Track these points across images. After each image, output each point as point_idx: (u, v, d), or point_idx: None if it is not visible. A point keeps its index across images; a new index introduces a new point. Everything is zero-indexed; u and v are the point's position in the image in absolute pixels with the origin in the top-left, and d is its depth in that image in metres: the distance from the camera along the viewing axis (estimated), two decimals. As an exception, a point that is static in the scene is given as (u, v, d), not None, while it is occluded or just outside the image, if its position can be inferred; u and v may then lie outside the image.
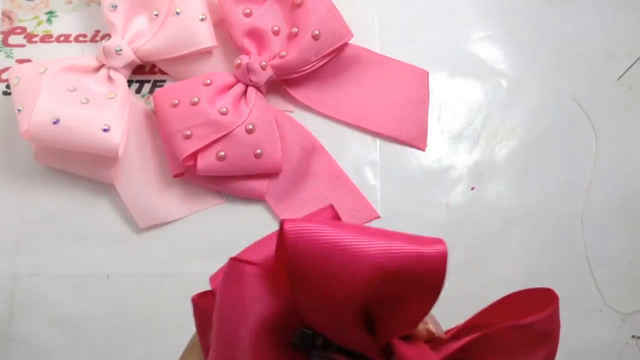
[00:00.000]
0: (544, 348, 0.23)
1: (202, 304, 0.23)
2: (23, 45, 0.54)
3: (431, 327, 0.24)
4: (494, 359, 0.22)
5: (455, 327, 0.24)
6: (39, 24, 0.55)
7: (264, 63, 0.50)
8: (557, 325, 0.24)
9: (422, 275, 0.18)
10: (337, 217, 0.24)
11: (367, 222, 0.51)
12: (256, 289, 0.20)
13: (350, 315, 0.19)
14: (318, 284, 0.18)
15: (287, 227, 0.18)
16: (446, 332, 0.24)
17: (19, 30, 0.55)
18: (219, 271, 0.22)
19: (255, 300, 0.20)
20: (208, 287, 0.55)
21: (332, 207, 0.24)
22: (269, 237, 0.22)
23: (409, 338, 0.23)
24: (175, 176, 0.51)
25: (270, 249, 0.21)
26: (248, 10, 0.51)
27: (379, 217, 0.51)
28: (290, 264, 0.18)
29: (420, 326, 0.24)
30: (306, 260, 0.18)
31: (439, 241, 0.19)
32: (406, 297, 0.19)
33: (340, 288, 0.18)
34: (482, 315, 0.23)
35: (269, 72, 0.50)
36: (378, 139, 0.53)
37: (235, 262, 0.20)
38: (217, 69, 0.52)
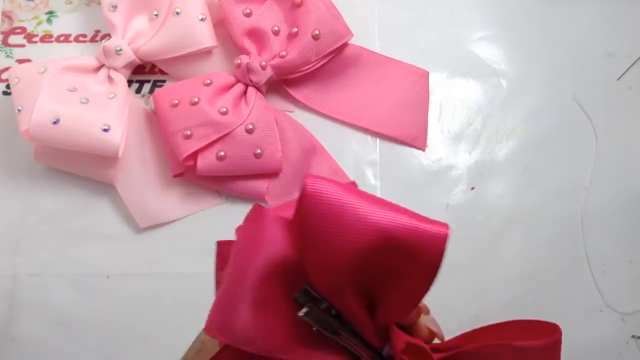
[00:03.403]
0: None
1: (224, 247, 0.24)
2: (23, 45, 0.54)
3: (433, 328, 0.24)
4: None
5: (454, 338, 0.24)
6: (39, 24, 0.55)
7: (264, 63, 0.50)
8: None
9: (421, 250, 0.19)
10: None
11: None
12: (274, 231, 0.21)
13: (348, 279, 0.20)
14: (323, 238, 0.19)
15: (307, 180, 0.18)
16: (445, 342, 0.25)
17: (19, 30, 0.55)
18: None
19: (270, 241, 0.20)
20: (209, 287, 0.55)
21: (354, 183, 0.25)
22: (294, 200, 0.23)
23: (409, 333, 0.24)
24: (175, 176, 0.51)
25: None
26: (248, 10, 0.51)
27: (379, 217, 0.51)
28: (302, 214, 0.19)
29: (422, 322, 0.24)
30: (317, 213, 0.19)
31: (443, 224, 0.19)
32: (403, 272, 0.20)
33: (343, 246, 0.19)
34: (483, 331, 0.24)
35: (269, 72, 0.50)
36: (378, 139, 0.53)
37: (259, 206, 0.21)
38: (217, 69, 0.52)
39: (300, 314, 0.21)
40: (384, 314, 0.22)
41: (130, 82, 0.53)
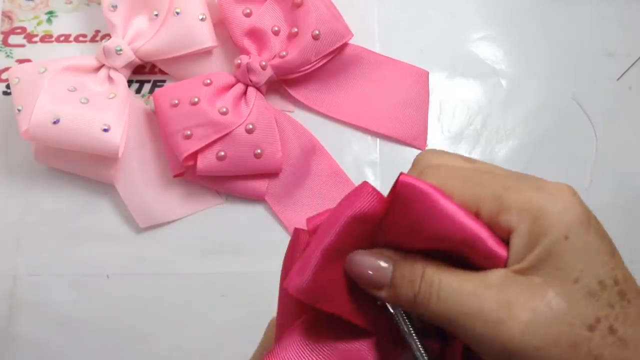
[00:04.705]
0: None
1: (299, 236, 0.26)
2: (23, 45, 0.54)
3: None
4: None
5: None
6: (39, 24, 0.55)
7: (264, 63, 0.50)
8: None
9: (485, 257, 0.23)
10: None
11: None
12: (366, 199, 0.24)
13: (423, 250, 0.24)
14: (413, 223, 0.23)
15: (402, 176, 0.22)
16: None
17: (19, 30, 0.55)
18: (315, 215, 0.26)
19: (360, 206, 0.23)
20: (209, 287, 0.55)
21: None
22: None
23: None
24: (175, 176, 0.51)
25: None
26: (248, 10, 0.51)
27: (379, 217, 0.51)
28: (398, 204, 0.23)
29: None
30: (411, 199, 0.22)
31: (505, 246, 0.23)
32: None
33: (428, 233, 0.23)
34: None
35: (269, 72, 0.50)
36: (378, 139, 0.53)
37: (365, 183, 0.24)
38: (217, 69, 0.52)
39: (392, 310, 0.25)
40: None
41: (130, 82, 0.53)
